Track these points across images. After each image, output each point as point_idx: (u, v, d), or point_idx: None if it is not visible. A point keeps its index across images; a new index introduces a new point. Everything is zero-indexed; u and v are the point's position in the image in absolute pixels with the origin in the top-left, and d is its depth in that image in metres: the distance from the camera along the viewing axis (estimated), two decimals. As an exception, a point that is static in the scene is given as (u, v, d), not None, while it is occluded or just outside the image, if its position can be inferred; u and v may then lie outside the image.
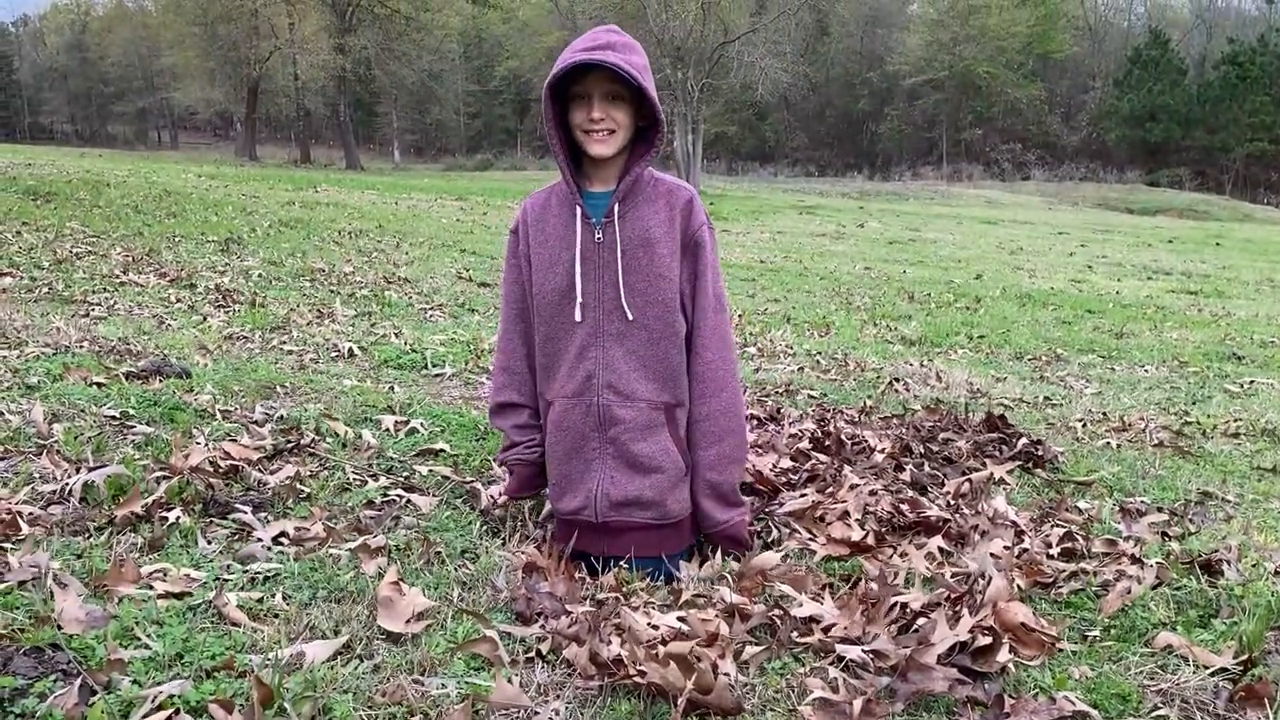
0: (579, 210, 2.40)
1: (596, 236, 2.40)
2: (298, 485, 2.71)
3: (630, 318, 2.39)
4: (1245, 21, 61.24)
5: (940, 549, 2.54)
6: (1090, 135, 54.43)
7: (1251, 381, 5.60)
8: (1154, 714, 1.79)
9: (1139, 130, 49.86)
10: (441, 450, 3.15)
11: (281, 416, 3.30)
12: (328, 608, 1.98)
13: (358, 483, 2.80)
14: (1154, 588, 2.28)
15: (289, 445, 3.02)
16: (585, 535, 2.47)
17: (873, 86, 58.21)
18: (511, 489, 2.71)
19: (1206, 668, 1.93)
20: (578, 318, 2.40)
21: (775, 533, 2.68)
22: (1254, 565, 2.39)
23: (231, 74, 45.38)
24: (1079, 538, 2.57)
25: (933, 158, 55.11)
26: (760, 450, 3.35)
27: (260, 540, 2.31)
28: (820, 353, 5.72)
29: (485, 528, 2.59)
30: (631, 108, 2.36)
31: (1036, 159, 51.44)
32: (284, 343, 4.79)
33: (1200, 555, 2.45)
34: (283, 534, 2.37)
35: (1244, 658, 1.94)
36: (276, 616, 1.93)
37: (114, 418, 3.08)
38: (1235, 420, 4.39)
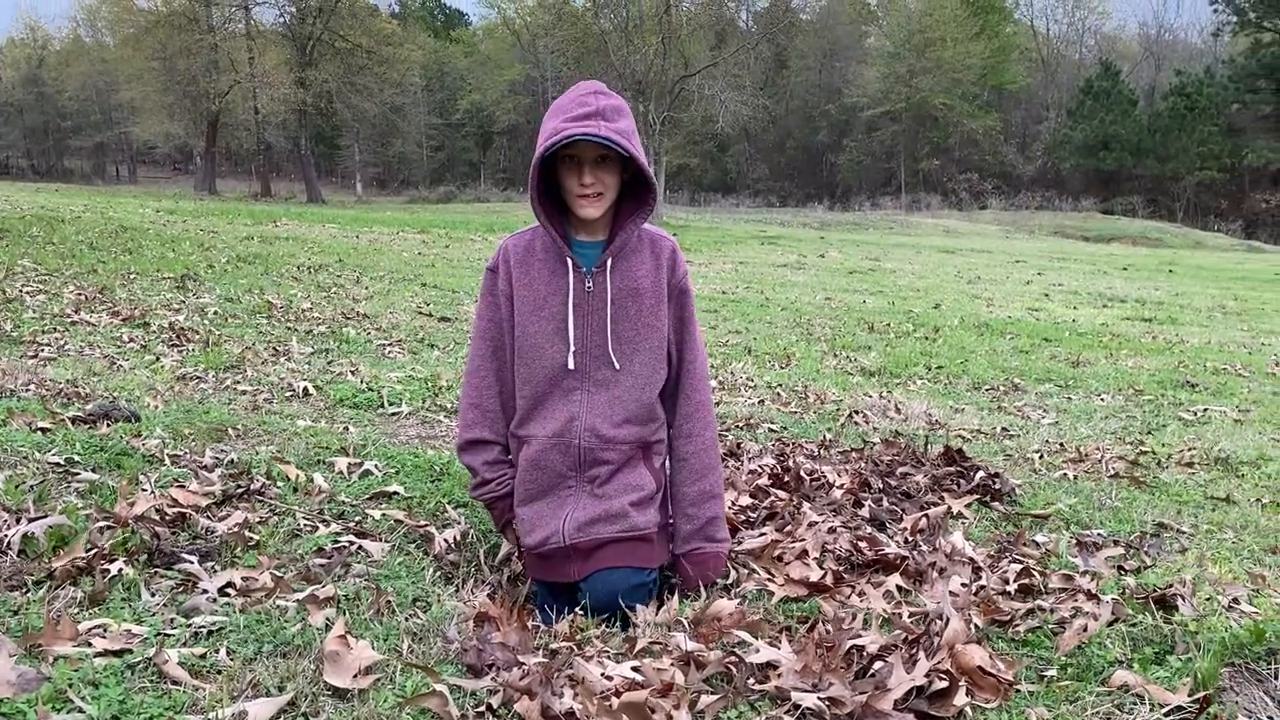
0: (569, 260, 2.46)
1: (587, 285, 2.47)
2: (246, 533, 2.64)
3: (618, 366, 2.47)
4: (1192, 54, 62.89)
5: (898, 587, 2.52)
6: (1045, 164, 55.42)
7: (1205, 409, 5.68)
8: (1111, 756, 1.78)
9: (1092, 159, 50.87)
10: (396, 493, 3.10)
11: (232, 461, 3.24)
12: (273, 663, 1.93)
13: (308, 529, 2.74)
14: (1110, 624, 2.28)
15: (239, 491, 2.96)
16: (555, 564, 2.49)
17: (831, 118, 59.01)
18: (500, 524, 2.71)
19: (1163, 706, 1.92)
20: (571, 365, 2.47)
21: (734, 574, 2.66)
22: (1208, 600, 2.39)
23: (191, 108, 45.12)
24: (1036, 573, 2.56)
25: (891, 188, 55.81)
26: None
27: (205, 592, 2.25)
28: (781, 385, 5.72)
29: (439, 574, 2.54)
30: (618, 168, 2.44)
31: (993, 188, 52.23)
32: (238, 382, 4.71)
33: (1155, 590, 2.45)
34: (229, 584, 2.31)
35: (1200, 695, 1.94)
36: (219, 673, 1.87)
37: (58, 464, 3.00)
38: (1189, 449, 4.44)
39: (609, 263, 2.47)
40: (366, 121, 50.94)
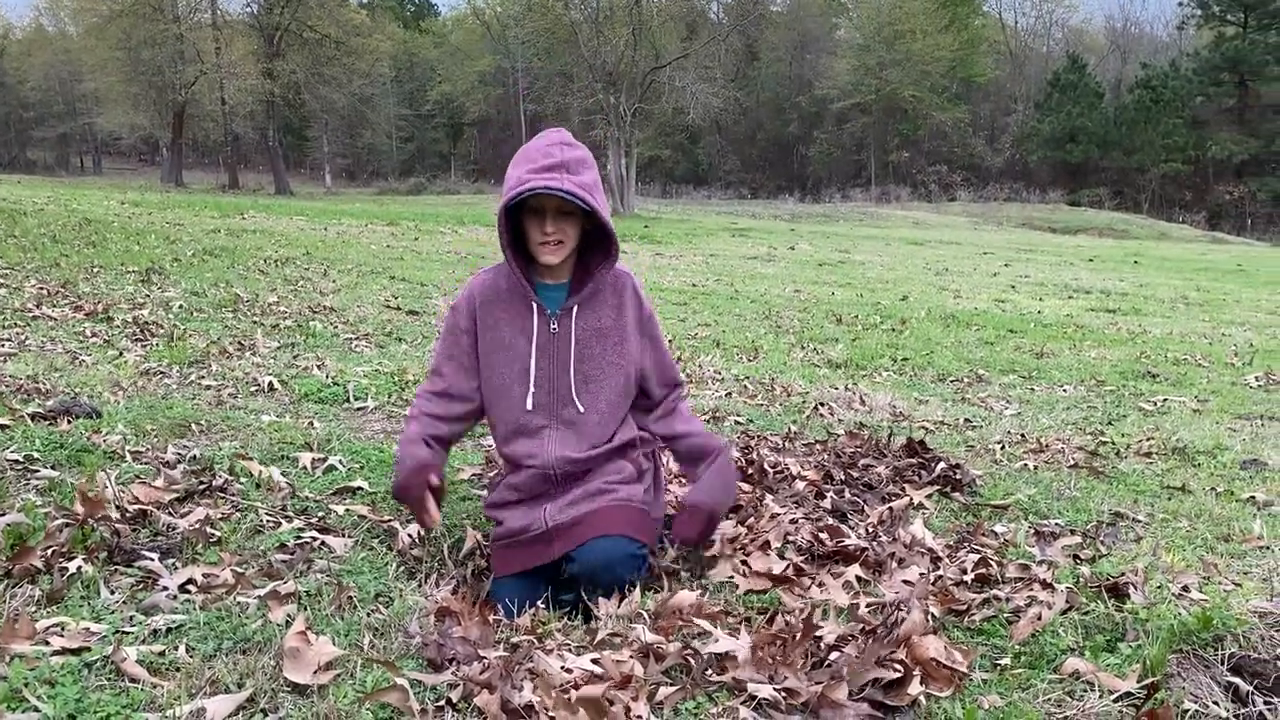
0: (534, 304, 2.56)
1: (552, 328, 2.57)
2: (208, 529, 2.64)
3: (581, 410, 2.56)
4: (1157, 47, 63.59)
5: (858, 577, 2.56)
6: (1013, 157, 55.86)
7: (1165, 399, 5.76)
8: (1061, 742, 1.82)
9: (1060, 151, 51.34)
10: (360, 488, 3.10)
11: (194, 456, 3.22)
12: (233, 660, 1.93)
13: (271, 525, 2.74)
14: (1064, 613, 2.32)
15: (201, 487, 2.95)
16: (533, 549, 2.50)
17: (802, 110, 59.18)
18: (413, 496, 2.56)
19: (1111, 693, 1.96)
20: (529, 406, 2.56)
21: (694, 565, 2.68)
22: (1159, 588, 2.44)
23: (156, 99, 44.52)
24: (993, 563, 2.61)
25: (861, 180, 56.09)
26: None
27: (166, 589, 2.24)
28: (748, 377, 5.75)
29: (402, 569, 2.55)
30: (580, 219, 2.55)
31: (962, 180, 52.58)
32: (202, 377, 4.68)
33: (1108, 578, 2.50)
34: (190, 581, 2.31)
35: (1148, 681, 1.98)
36: (178, 671, 1.87)
37: (17, 462, 2.97)
38: (1148, 439, 4.51)
39: (574, 308, 2.57)
40: (335, 112, 50.53)
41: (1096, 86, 54.30)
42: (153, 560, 2.38)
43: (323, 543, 2.64)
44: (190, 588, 2.27)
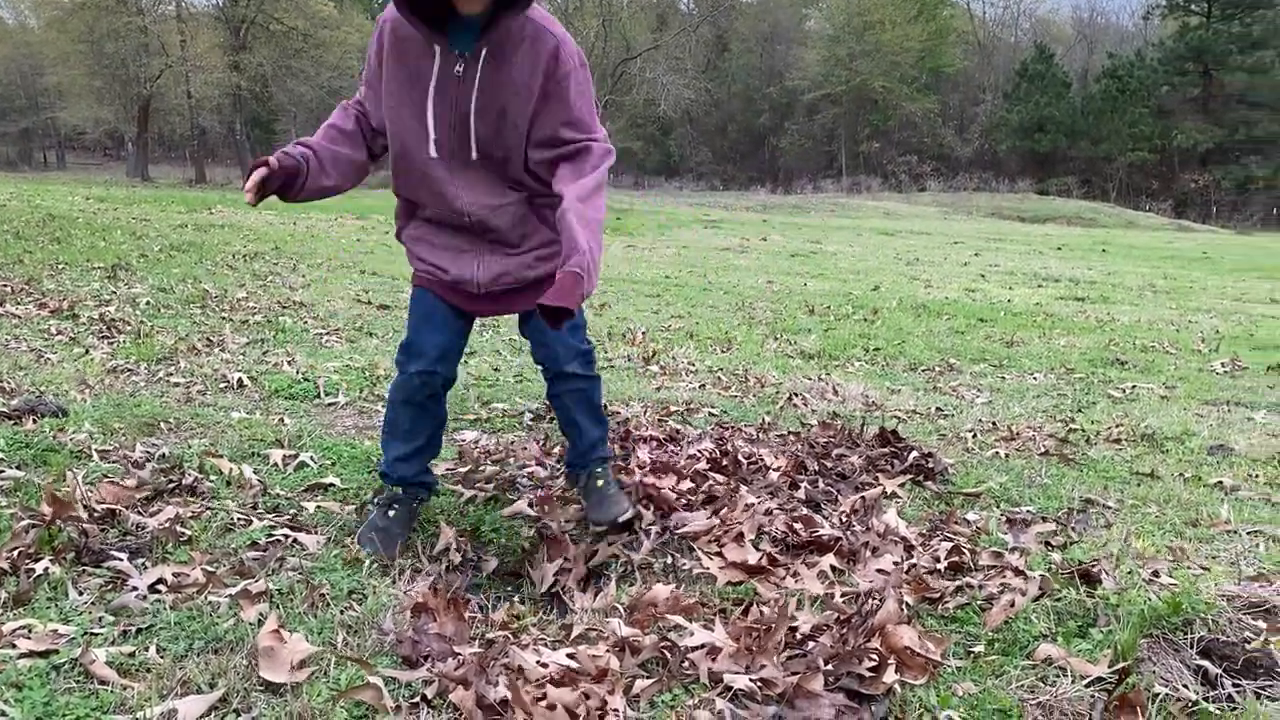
0: (435, 46, 2.39)
1: (456, 69, 2.41)
2: (178, 528, 2.61)
3: (474, 157, 2.48)
4: (1123, 37, 64.15)
5: (832, 567, 2.57)
6: (982, 146, 56.19)
7: (1133, 386, 5.82)
8: (1034, 727, 1.84)
9: (1028, 141, 51.70)
10: (332, 484, 3.07)
11: (164, 455, 3.19)
12: (204, 659, 1.91)
13: (242, 523, 2.71)
14: (1036, 599, 2.34)
15: (170, 485, 2.92)
16: (467, 299, 2.68)
17: (773, 101, 59.23)
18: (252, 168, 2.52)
19: (1084, 678, 1.98)
20: (432, 153, 2.49)
21: (671, 558, 2.68)
22: (1129, 573, 2.46)
23: (121, 92, 43.90)
24: (966, 551, 2.62)
25: (833, 171, 56.25)
26: (659, 472, 3.35)
27: (135, 589, 2.22)
28: (722, 369, 5.76)
29: (375, 565, 2.53)
30: None
31: (932, 170, 52.84)
32: (170, 374, 4.63)
33: (1080, 565, 2.52)
34: (160, 581, 2.28)
35: (1119, 666, 2.01)
36: (149, 672, 1.85)
37: (-19, 463, 2.93)
38: (1117, 426, 4.55)
39: (483, 51, 2.38)
40: (303, 105, 49.96)
41: (1064, 76, 54.72)
42: (122, 560, 2.35)
43: (295, 540, 2.62)
44: (160, 588, 2.25)
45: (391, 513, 2.73)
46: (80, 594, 2.18)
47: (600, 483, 2.87)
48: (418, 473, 2.82)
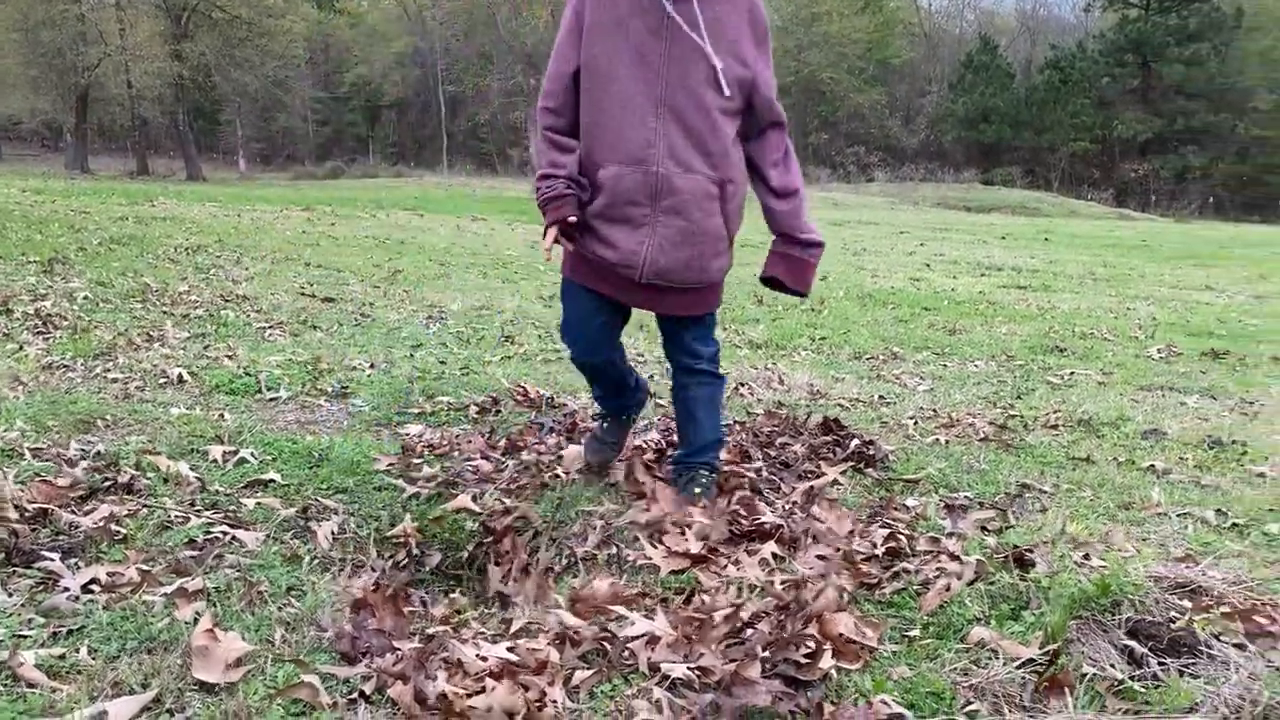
0: None
1: (669, 11, 2.53)
2: (113, 526, 2.57)
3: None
4: (1065, 28, 65.10)
5: (774, 554, 2.60)
6: (929, 137, 56.77)
7: (1071, 373, 5.94)
8: (966, 709, 1.87)
9: (973, 131, 52.32)
10: (272, 480, 3.04)
11: (99, 452, 3.13)
12: (137, 660, 1.89)
13: (179, 520, 2.68)
14: (971, 584, 2.38)
15: (105, 484, 2.87)
16: (621, 285, 2.73)
17: (723, 91, 59.18)
18: (546, 224, 2.71)
19: (1015, 660, 2.03)
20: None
21: (616, 548, 2.69)
22: (1061, 557, 2.52)
23: (58, 82, 42.77)
24: (903, 537, 2.66)
25: (783, 161, 56.40)
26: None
27: (67, 590, 2.18)
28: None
29: (315, 562, 2.51)
30: None
31: (879, 161, 53.26)
32: (108, 370, 4.54)
33: (1014, 549, 2.57)
34: (94, 581, 2.25)
35: (1050, 648, 2.05)
36: (79, 673, 1.82)
37: (-93, 463, 2.86)
38: (1055, 412, 4.64)
39: None
40: (248, 96, 49.17)
41: (1008, 68, 55.42)
42: (53, 560, 2.31)
43: (233, 537, 2.59)
44: (93, 588, 2.21)
45: (605, 426, 3.23)
46: (10, 595, 2.14)
47: (698, 490, 2.92)
48: (620, 404, 3.18)
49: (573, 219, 2.67)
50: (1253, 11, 49.64)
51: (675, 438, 3.66)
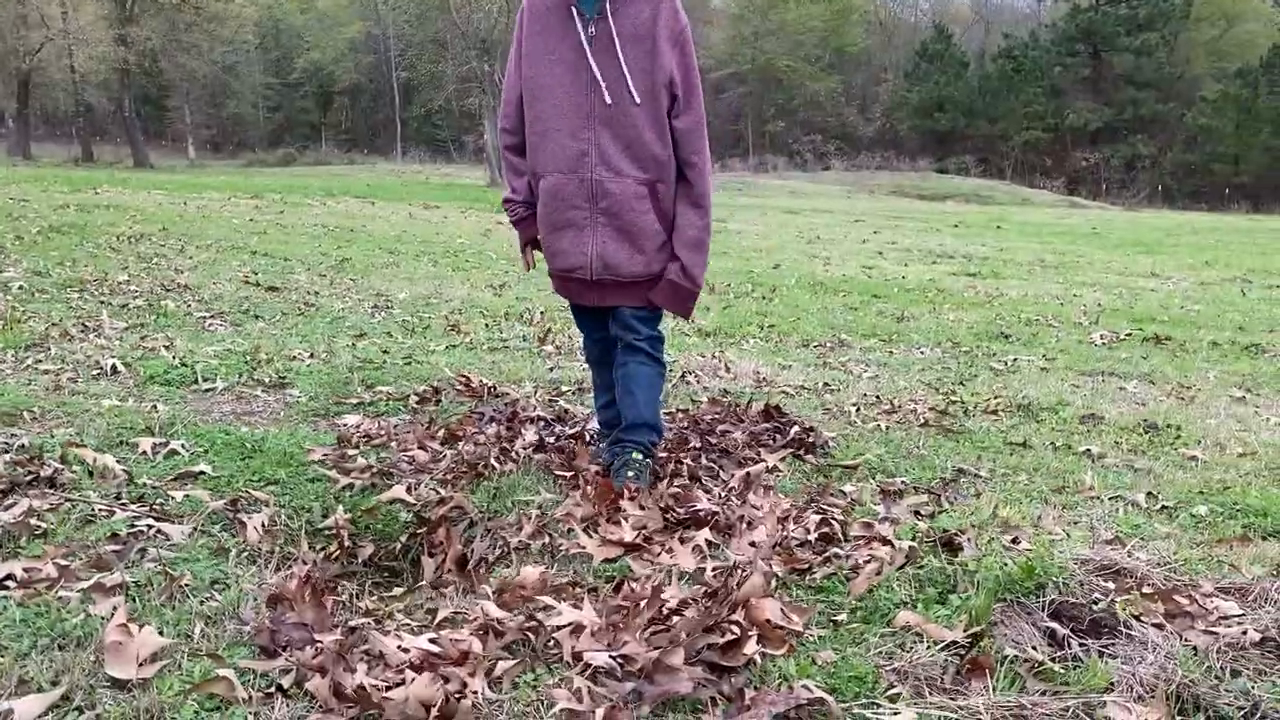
0: (574, 9, 2.81)
1: (590, 31, 2.80)
2: (34, 521, 2.51)
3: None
4: (1018, 17, 65.75)
5: (708, 541, 2.60)
6: (884, 126, 57.12)
7: (1015, 359, 6.01)
8: (889, 692, 1.88)
9: (928, 120, 52.74)
10: (203, 473, 2.99)
11: (23, 445, 3.06)
12: (48, 656, 1.84)
13: (104, 514, 2.62)
14: (900, 568, 2.40)
15: (28, 478, 2.80)
16: (578, 289, 3.03)
17: (680, 79, 59.10)
18: (522, 244, 3.16)
19: (939, 643, 2.04)
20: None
21: (549, 538, 2.68)
22: (989, 541, 2.54)
23: (-2, 67, 41.82)
24: (835, 522, 2.68)
25: (739, 150, 56.57)
26: (544, 453, 3.34)
27: (-19, 586, 2.13)
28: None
29: (244, 555, 2.47)
30: None
31: (836, 149, 53.52)
32: (40, 361, 4.44)
33: (944, 533, 2.59)
34: (9, 576, 2.19)
35: (973, 630, 2.07)
36: (-13, 671, 1.78)
37: None
38: (996, 397, 4.70)
39: (608, 8, 2.79)
40: (196, 82, 48.39)
41: (962, 56, 55.89)
42: (-32, 557, 2.25)
43: (159, 531, 2.54)
44: (8, 584, 2.16)
45: (603, 445, 3.29)
46: (-80, 593, 2.09)
47: (631, 474, 2.96)
48: (612, 418, 3.25)
49: (538, 236, 3.06)
50: (1200, 2, 50.47)
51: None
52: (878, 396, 4.61)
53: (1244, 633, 2.06)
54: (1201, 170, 46.49)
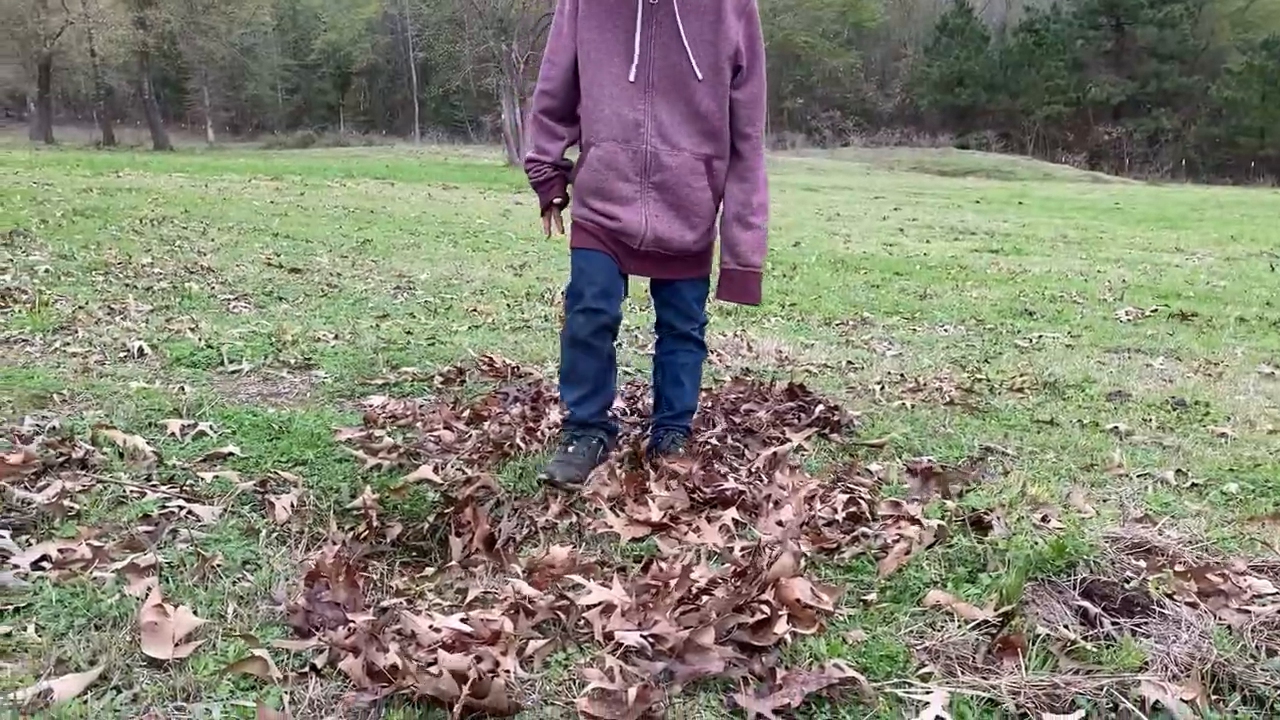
0: None
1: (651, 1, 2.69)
2: (67, 502, 2.53)
3: (699, 76, 2.70)
4: (1040, -10, 64.82)
5: (735, 521, 2.59)
6: (904, 101, 56.67)
7: (1040, 336, 5.97)
8: (920, 671, 1.88)
9: (948, 95, 52.28)
10: (231, 454, 3.01)
11: (54, 428, 3.09)
12: (85, 636, 1.86)
13: (135, 495, 2.64)
14: (929, 547, 2.39)
15: (60, 459, 2.83)
16: (623, 250, 2.89)
17: (698, 56, 58.78)
18: (543, 206, 3.00)
19: (969, 622, 2.03)
20: (631, 77, 2.72)
21: (576, 517, 2.68)
22: (1019, 519, 2.53)
23: (19, 50, 41.95)
24: (863, 501, 2.67)
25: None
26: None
27: (17, 567, 2.15)
28: (639, 328, 5.76)
29: (274, 535, 2.49)
30: None
31: (855, 125, 53.19)
32: (68, 344, 4.48)
33: (973, 512, 2.58)
34: (44, 557, 2.21)
35: (1004, 609, 2.06)
36: (25, 651, 1.80)
37: None
38: (1021, 375, 4.66)
39: None
40: (214, 64, 48.46)
41: (983, 30, 55.32)
42: (4, 537, 2.28)
43: (189, 511, 2.56)
44: (44, 565, 2.18)
45: (571, 448, 2.94)
46: (-43, 574, 2.11)
47: (681, 450, 3.03)
48: (593, 414, 3.02)
49: (557, 200, 2.95)
50: (1225, -27, 49.73)
51: (639, 404, 3.65)
52: (902, 375, 4.59)
53: (1279, 611, 2.04)
54: (1226, 144, 45.91)
